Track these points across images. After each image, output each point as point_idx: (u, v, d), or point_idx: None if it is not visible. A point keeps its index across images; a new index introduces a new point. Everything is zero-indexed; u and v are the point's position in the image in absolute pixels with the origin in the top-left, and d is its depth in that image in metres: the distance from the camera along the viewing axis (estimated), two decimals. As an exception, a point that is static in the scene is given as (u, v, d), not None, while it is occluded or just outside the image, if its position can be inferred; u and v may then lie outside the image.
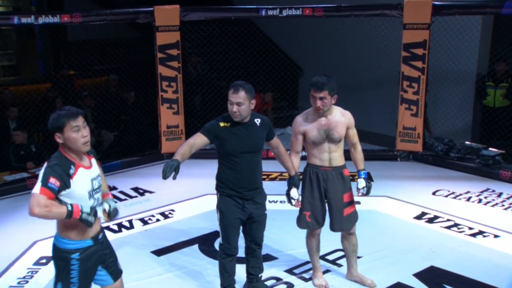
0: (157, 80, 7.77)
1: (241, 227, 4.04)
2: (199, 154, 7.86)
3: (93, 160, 3.18)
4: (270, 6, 7.61)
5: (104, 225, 5.61)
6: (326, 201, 4.17)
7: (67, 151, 3.01)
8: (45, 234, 5.45)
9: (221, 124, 3.83)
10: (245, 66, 9.24)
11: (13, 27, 11.19)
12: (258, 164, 3.97)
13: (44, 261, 4.90)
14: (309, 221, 4.17)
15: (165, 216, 5.90)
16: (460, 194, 6.44)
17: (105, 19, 7.36)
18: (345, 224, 4.20)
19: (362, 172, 4.19)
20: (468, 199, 6.30)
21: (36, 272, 4.70)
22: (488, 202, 6.19)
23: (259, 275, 4.23)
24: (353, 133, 4.16)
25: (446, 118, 8.45)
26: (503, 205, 6.09)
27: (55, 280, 3.11)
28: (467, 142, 7.79)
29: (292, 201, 4.15)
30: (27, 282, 4.52)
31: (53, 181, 2.86)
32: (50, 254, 4.91)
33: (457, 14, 7.37)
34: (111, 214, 3.29)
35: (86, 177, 3.02)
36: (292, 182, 4.13)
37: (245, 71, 9.22)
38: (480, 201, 6.24)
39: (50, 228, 5.57)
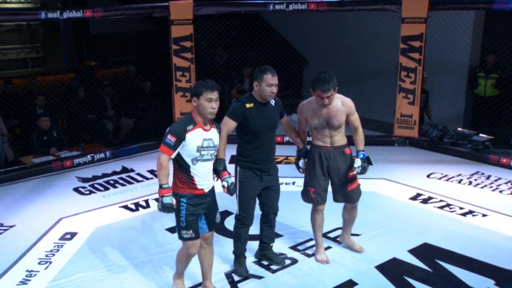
0: (172, 70, 7.75)
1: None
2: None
3: (214, 130, 3.57)
4: (277, 1, 7.54)
5: (122, 204, 5.69)
6: (329, 178, 4.24)
7: (196, 114, 3.48)
8: (69, 212, 5.53)
9: (247, 105, 3.89)
10: (254, 57, 9.19)
11: (40, 22, 11.19)
12: (275, 140, 4.12)
13: (68, 236, 4.94)
14: (314, 197, 4.25)
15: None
16: (452, 177, 6.41)
17: (124, 14, 7.33)
18: (349, 197, 4.29)
19: (360, 153, 4.21)
20: (460, 181, 6.27)
21: (62, 246, 4.74)
22: (477, 184, 6.16)
23: (271, 245, 4.32)
24: (354, 118, 4.16)
25: (440, 106, 8.40)
26: (491, 187, 6.06)
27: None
28: (459, 129, 7.76)
29: (300, 169, 4.32)
30: (53, 255, 4.57)
31: (170, 138, 3.40)
32: (74, 230, 5.02)
33: (452, 9, 7.31)
34: (230, 189, 3.72)
35: (200, 135, 3.45)
36: (300, 154, 4.30)
37: (253, 62, 9.18)
38: (470, 183, 6.21)
39: (74, 206, 5.66)
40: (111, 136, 8.47)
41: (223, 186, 3.70)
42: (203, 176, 3.53)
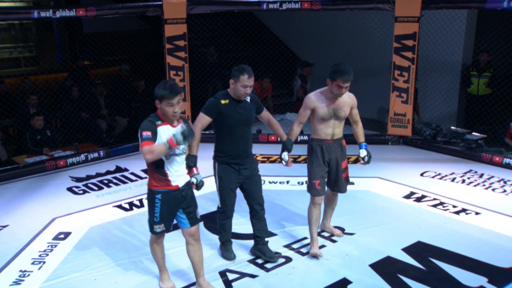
0: (166, 69, 7.74)
1: (241, 194, 4.30)
2: (205, 138, 7.90)
3: (181, 124, 3.53)
4: (271, 0, 7.54)
5: (116, 203, 5.67)
6: (328, 169, 4.43)
7: (161, 113, 3.57)
8: (63, 212, 5.51)
9: (222, 101, 4.06)
10: (247, 56, 9.18)
11: (33, 21, 11.12)
12: (250, 135, 4.24)
13: (62, 236, 4.93)
14: (319, 188, 4.39)
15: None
16: (446, 175, 6.44)
17: (117, 13, 7.31)
18: (343, 186, 4.54)
19: (363, 144, 4.51)
20: (453, 180, 6.29)
21: (56, 246, 4.73)
22: (470, 183, 6.19)
23: (265, 239, 4.39)
24: (356, 112, 4.46)
25: (433, 105, 8.43)
26: (484, 185, 6.09)
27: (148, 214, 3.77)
28: (452, 127, 7.78)
29: (283, 162, 4.41)
30: (47, 255, 4.55)
31: (145, 133, 3.48)
32: (68, 230, 5.00)
33: (444, 8, 7.32)
34: (199, 186, 3.90)
35: (168, 130, 3.53)
36: (284, 146, 4.39)
37: (247, 61, 9.17)
38: (463, 181, 6.24)
39: (67, 206, 5.64)
40: (104, 135, 8.44)
41: (192, 183, 3.84)
42: (177, 170, 3.65)
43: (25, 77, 8.93)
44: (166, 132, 3.52)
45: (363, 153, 4.46)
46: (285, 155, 4.38)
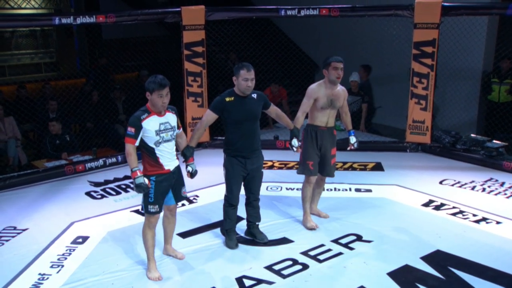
0: (184, 75, 7.78)
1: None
2: (219, 145, 7.93)
3: (170, 114, 4.07)
4: (289, 7, 7.55)
5: (134, 208, 5.70)
6: (320, 153, 4.92)
7: (150, 105, 3.97)
8: (81, 216, 5.57)
9: (227, 99, 4.42)
10: (265, 62, 9.19)
11: (54, 27, 11.31)
12: (257, 131, 4.54)
13: (80, 240, 4.98)
14: (312, 169, 4.92)
15: (190, 201, 5.93)
16: (465, 183, 6.36)
17: (136, 19, 7.37)
18: (330, 171, 5.06)
19: (352, 131, 5.13)
20: (473, 188, 6.21)
21: (74, 250, 4.78)
22: (491, 191, 6.10)
23: (256, 223, 4.83)
24: (346, 103, 5.04)
25: (453, 112, 8.34)
26: (505, 194, 6.00)
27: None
28: (472, 135, 7.68)
29: (294, 148, 4.80)
30: (65, 258, 4.60)
31: (129, 129, 3.92)
32: (86, 234, 5.05)
33: (465, 15, 7.25)
34: (193, 174, 4.32)
35: (156, 121, 3.95)
36: (293, 134, 4.81)
37: (265, 67, 9.19)
38: (484, 190, 6.15)
39: (86, 210, 5.70)
40: (123, 140, 8.50)
41: (188, 171, 4.30)
42: (167, 156, 4.04)
43: (45, 82, 9.07)
44: (152, 124, 3.92)
45: (352, 139, 5.08)
46: (295, 141, 4.77)
